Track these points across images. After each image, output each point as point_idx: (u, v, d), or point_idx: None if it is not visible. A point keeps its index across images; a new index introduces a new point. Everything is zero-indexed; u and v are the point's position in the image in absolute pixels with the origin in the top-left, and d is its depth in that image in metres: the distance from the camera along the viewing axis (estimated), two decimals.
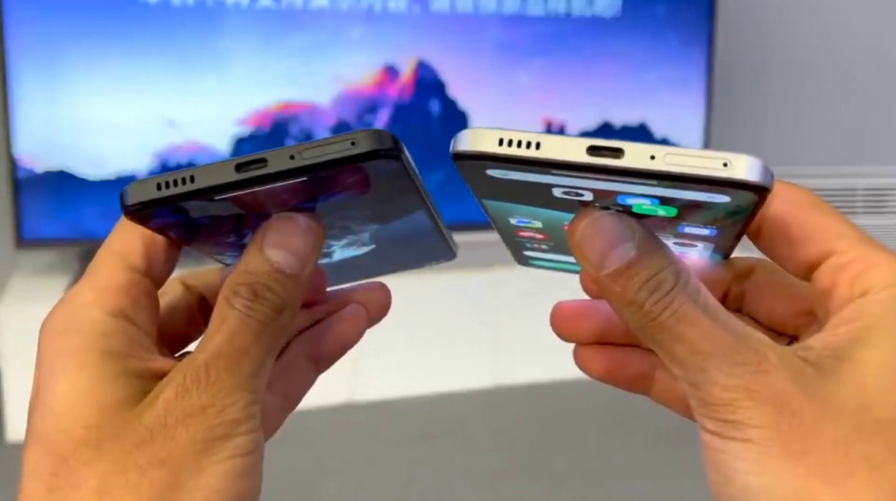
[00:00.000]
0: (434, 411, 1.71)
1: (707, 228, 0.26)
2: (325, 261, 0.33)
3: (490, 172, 0.24)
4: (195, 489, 0.25)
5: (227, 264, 0.31)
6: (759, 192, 0.22)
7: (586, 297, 0.33)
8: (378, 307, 0.34)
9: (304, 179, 0.25)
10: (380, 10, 1.75)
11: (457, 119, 1.83)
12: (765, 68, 2.10)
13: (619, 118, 1.91)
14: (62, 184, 1.63)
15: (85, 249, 1.69)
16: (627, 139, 0.23)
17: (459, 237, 0.36)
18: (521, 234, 0.31)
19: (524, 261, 0.35)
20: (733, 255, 0.30)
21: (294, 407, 0.33)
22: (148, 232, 0.28)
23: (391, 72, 1.79)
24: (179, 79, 1.66)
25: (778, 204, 0.27)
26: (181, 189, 0.25)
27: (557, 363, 1.11)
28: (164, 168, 1.68)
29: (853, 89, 2.14)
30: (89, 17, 1.60)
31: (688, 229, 0.26)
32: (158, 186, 0.25)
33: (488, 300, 1.82)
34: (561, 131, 1.88)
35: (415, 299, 1.79)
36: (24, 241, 1.63)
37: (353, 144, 0.24)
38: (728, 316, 0.25)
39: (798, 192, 0.27)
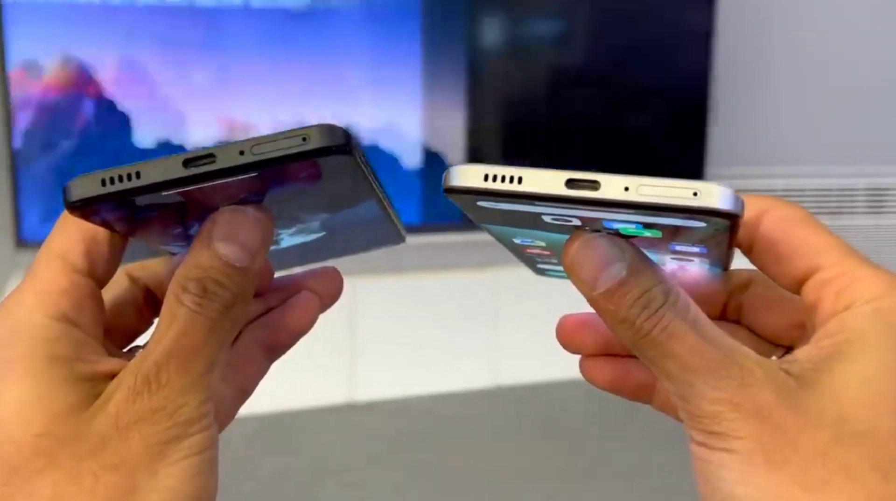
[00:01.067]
0: (433, 411, 1.71)
1: (695, 246, 0.27)
2: (272, 248, 0.32)
3: (480, 203, 0.25)
4: (151, 490, 0.24)
5: (173, 254, 0.31)
6: (730, 218, 0.23)
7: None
8: (330, 293, 0.34)
9: (254, 174, 0.24)
10: None
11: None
12: (765, 68, 2.11)
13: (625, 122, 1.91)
14: (62, 184, 1.62)
15: None
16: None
17: (459, 237, 0.36)
18: (528, 251, 0.32)
19: (540, 272, 0.36)
20: (734, 267, 0.31)
21: (247, 398, 0.33)
22: (89, 231, 0.27)
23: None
24: (179, 78, 1.66)
25: (768, 221, 0.28)
26: (126, 185, 0.24)
27: (557, 363, 1.11)
28: None
29: (853, 89, 2.14)
30: (89, 17, 1.59)
31: (679, 247, 0.28)
32: (103, 182, 0.25)
33: (488, 300, 1.82)
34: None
35: (414, 299, 1.79)
36: (24, 241, 1.63)
37: (304, 139, 0.24)
38: (716, 331, 0.25)
39: (787, 208, 0.28)
